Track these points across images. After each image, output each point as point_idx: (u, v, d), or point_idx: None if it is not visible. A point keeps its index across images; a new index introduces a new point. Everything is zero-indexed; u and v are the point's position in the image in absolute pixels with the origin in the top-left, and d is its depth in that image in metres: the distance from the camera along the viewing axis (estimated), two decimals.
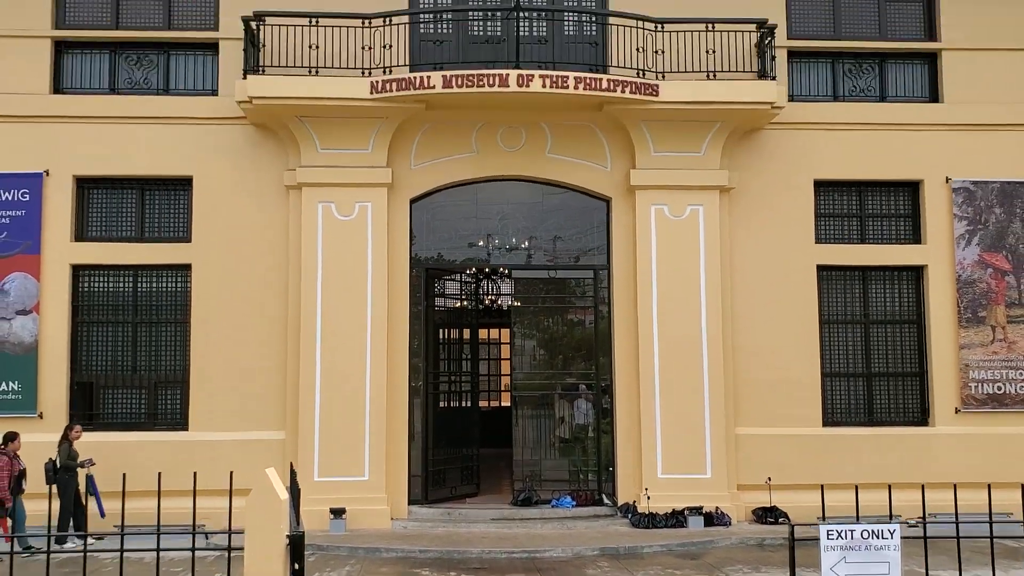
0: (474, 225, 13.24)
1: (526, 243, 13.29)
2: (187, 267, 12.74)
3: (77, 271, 12.73)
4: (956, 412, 13.01)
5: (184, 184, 12.89)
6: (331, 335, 12.31)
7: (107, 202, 12.96)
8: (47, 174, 12.61)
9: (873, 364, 13.31)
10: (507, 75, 11.84)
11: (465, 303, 14.54)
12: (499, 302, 17.74)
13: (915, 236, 13.45)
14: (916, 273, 13.38)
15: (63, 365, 12.48)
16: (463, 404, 13.88)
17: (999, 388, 13.06)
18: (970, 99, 13.38)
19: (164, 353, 12.83)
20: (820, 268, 13.17)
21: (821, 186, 13.37)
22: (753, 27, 12.76)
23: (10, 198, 12.52)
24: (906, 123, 13.28)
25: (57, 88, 12.97)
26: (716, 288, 12.65)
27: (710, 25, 12.62)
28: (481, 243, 13.30)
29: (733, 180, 12.95)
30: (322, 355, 12.31)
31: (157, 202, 13.02)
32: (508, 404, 15.25)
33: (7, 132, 12.61)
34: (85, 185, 12.87)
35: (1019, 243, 13.24)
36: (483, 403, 16.20)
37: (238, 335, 12.56)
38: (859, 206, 13.52)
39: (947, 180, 13.24)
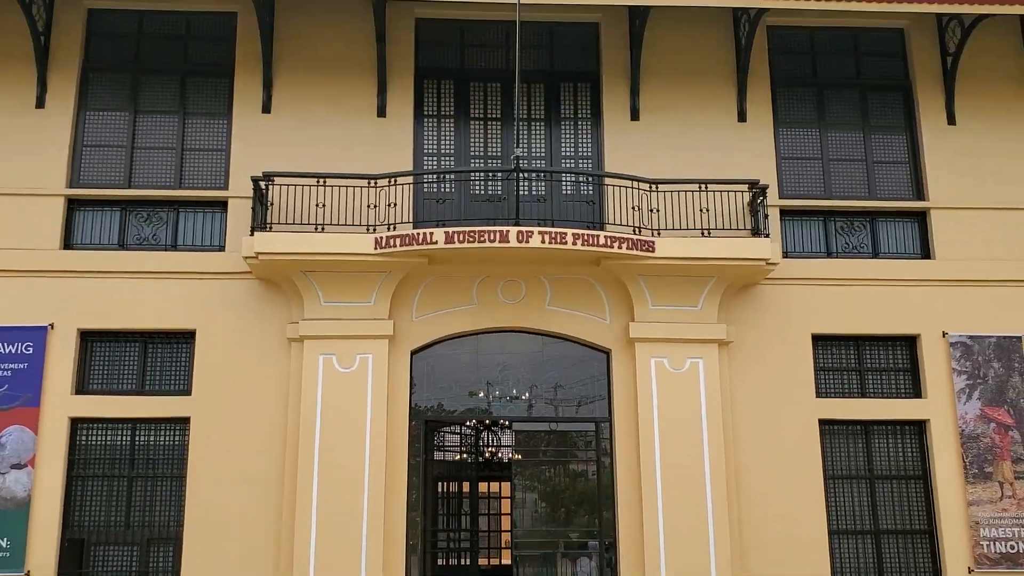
0: (474, 375, 13.25)
1: (527, 394, 13.28)
2: (186, 420, 12.69)
3: (75, 424, 12.67)
4: (969, 572, 12.65)
5: (187, 337, 13.02)
6: (328, 490, 12.13)
7: (110, 355, 13.04)
8: (52, 327, 12.75)
9: (881, 521, 13.04)
10: (507, 231, 12.15)
11: (465, 455, 14.41)
12: (499, 454, 17.56)
13: (915, 390, 13.45)
14: (919, 427, 13.30)
15: (55, 521, 12.24)
16: (462, 562, 13.56)
17: (1012, 547, 12.75)
18: (961, 256, 13.66)
19: (158, 508, 12.60)
20: (822, 422, 13.10)
21: (819, 340, 13.47)
22: (745, 187, 13.19)
23: (13, 351, 12.62)
24: (900, 279, 13.51)
25: (67, 244, 13.28)
26: (719, 443, 12.55)
27: (703, 185, 13.04)
28: (481, 394, 13.29)
29: (731, 334, 13.07)
30: (318, 509, 12.09)
31: (159, 355, 13.10)
32: (509, 562, 14.86)
33: (15, 286, 12.82)
34: (89, 338, 12.99)
35: (1020, 398, 13.22)
36: (483, 560, 15.78)
37: (233, 489, 12.38)
38: (858, 360, 13.58)
39: (944, 335, 13.35)
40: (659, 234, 12.81)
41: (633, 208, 13.02)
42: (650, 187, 12.97)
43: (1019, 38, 14.51)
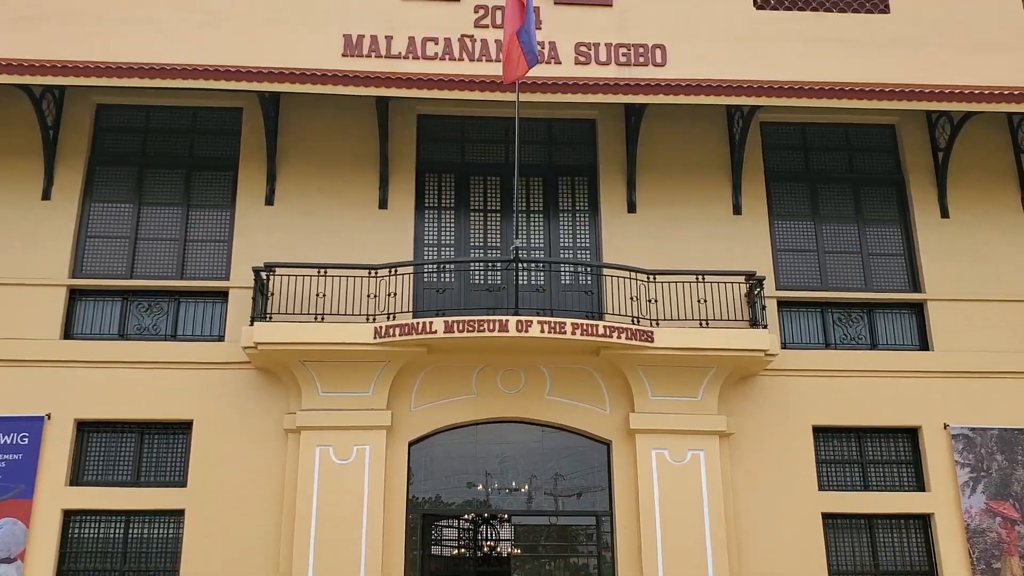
0: (473, 466, 13.09)
1: (526, 486, 13.12)
2: (180, 513, 12.50)
3: (68, 516, 12.47)
4: None
5: (184, 428, 12.93)
6: None
7: (106, 446, 12.91)
8: (48, 417, 12.67)
9: None
10: (507, 321, 12.19)
11: (463, 550, 14.14)
12: (498, 549, 17.23)
13: (919, 483, 13.29)
14: (923, 521, 13.10)
15: None
16: None
17: None
18: (959, 347, 13.69)
19: None
20: (825, 516, 12.91)
21: (820, 432, 13.38)
22: (742, 278, 13.31)
23: (9, 441, 12.50)
24: (899, 371, 13.50)
25: (68, 333, 13.30)
26: (721, 537, 12.32)
27: (700, 276, 13.15)
28: (480, 486, 13.12)
29: (732, 426, 12.99)
30: None
31: (155, 446, 12.98)
32: None
33: (14, 376, 12.78)
34: (85, 428, 12.89)
35: None
36: None
37: None
38: (860, 452, 13.47)
39: (945, 427, 13.27)
40: (658, 324, 12.85)
41: (632, 298, 13.11)
42: (648, 278, 13.08)
43: (1007, 133, 14.86)
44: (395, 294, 12.96)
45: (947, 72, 14.56)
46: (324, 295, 12.93)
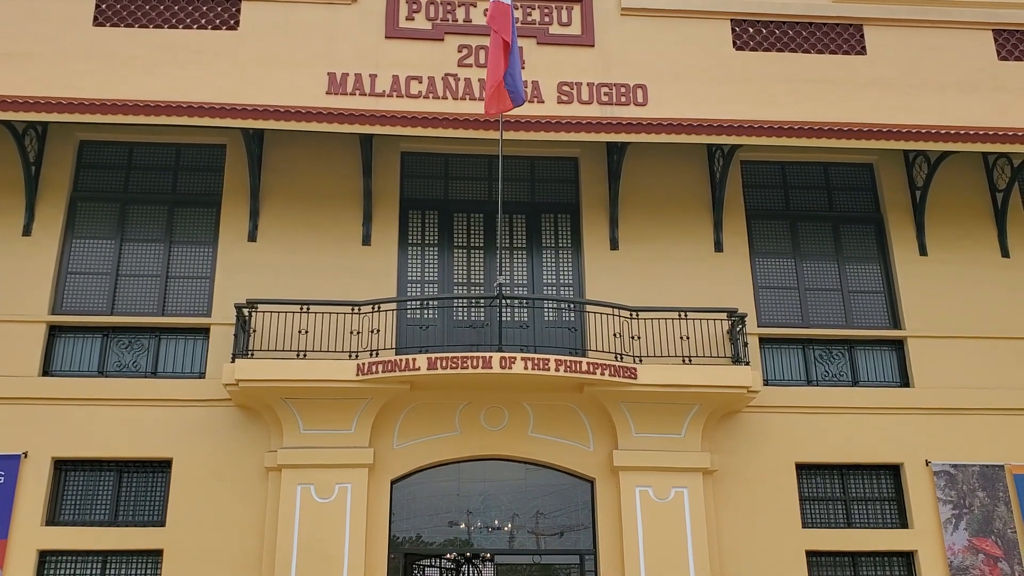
0: (455, 504, 12.99)
1: (508, 524, 13.02)
2: (159, 553, 12.32)
3: (44, 557, 12.26)
4: None
5: (163, 466, 12.78)
6: None
7: (83, 485, 12.73)
8: (25, 456, 12.49)
9: None
10: (490, 358, 12.17)
11: None
12: None
13: (902, 520, 13.30)
14: (907, 559, 13.09)
15: None
16: None
17: None
18: (939, 384, 13.78)
19: None
20: (809, 554, 12.88)
21: (803, 469, 13.39)
22: (724, 315, 13.37)
23: None
24: (880, 407, 13.56)
25: (46, 370, 13.15)
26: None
27: (682, 313, 13.21)
28: (462, 524, 13.01)
29: (715, 463, 12.97)
30: None
31: (134, 485, 12.81)
32: None
33: None
34: (63, 467, 12.72)
35: (1007, 528, 13.08)
36: None
37: None
38: (843, 489, 13.47)
39: (927, 463, 13.31)
40: (641, 361, 12.88)
41: (615, 335, 13.14)
42: (631, 315, 13.12)
43: (983, 172, 15.08)
44: (378, 331, 12.94)
45: (923, 112, 14.83)
46: (307, 332, 12.88)
